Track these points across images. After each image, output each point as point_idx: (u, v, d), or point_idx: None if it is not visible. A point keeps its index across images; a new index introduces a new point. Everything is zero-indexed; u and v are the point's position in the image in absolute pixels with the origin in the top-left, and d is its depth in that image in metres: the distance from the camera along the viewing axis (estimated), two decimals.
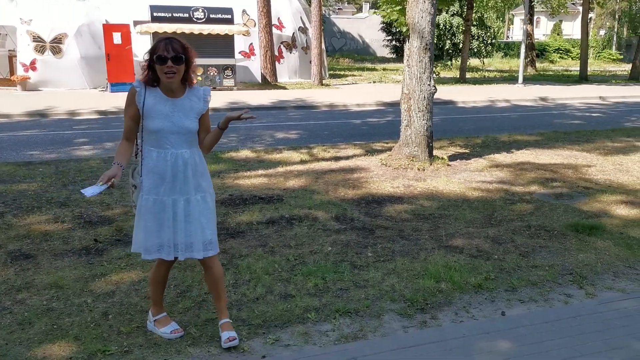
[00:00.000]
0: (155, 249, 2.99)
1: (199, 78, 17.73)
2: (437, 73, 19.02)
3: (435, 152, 7.83)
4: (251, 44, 20.19)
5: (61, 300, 3.56)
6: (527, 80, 23.06)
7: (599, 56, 44.48)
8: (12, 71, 18.37)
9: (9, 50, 18.80)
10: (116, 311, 3.44)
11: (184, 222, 2.96)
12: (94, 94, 16.75)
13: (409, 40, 7.21)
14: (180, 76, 2.88)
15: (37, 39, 17.35)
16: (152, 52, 2.85)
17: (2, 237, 4.65)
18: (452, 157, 7.96)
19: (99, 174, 6.90)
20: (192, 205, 2.97)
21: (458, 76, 23.27)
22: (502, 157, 8.07)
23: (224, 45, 17.81)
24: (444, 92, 17.37)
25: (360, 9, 59.90)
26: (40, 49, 17.41)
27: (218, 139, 3.09)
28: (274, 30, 20.10)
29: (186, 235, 2.97)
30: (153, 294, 3.23)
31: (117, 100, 14.71)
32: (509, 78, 24.83)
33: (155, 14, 17.00)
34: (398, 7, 8.20)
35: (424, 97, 7.21)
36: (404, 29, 7.31)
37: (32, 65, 17.36)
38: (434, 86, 7.30)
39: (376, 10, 9.74)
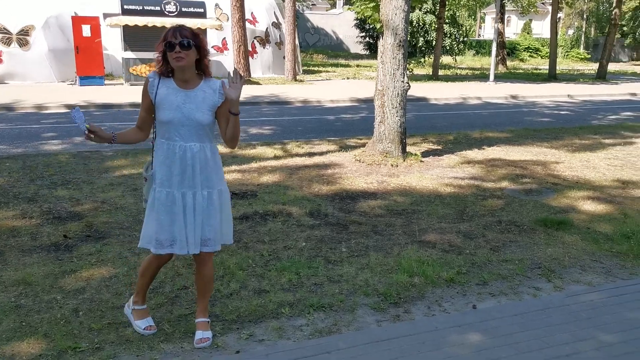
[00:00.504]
0: (168, 243, 2.93)
1: None
2: (410, 70, 19.17)
3: (408, 149, 7.89)
4: (224, 38, 20.04)
5: (30, 297, 3.49)
6: (498, 78, 23.41)
7: (567, 55, 45.43)
8: None
9: None
10: (87, 308, 3.38)
11: (188, 216, 2.90)
12: (62, 87, 16.41)
13: (382, 37, 7.25)
14: (190, 62, 2.81)
15: (2, 30, 16.94)
16: (162, 40, 2.82)
17: None
18: (425, 154, 8.04)
19: (67, 168, 6.78)
20: (198, 200, 2.90)
21: (431, 73, 23.48)
22: (474, 154, 8.19)
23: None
24: (417, 89, 17.52)
25: (334, 5, 59.90)
26: (6, 41, 17.00)
27: (237, 127, 2.89)
28: (248, 25, 19.98)
29: (188, 229, 2.92)
30: (140, 284, 3.17)
31: (86, 94, 14.45)
32: (481, 76, 25.17)
33: (125, 7, 16.74)
34: (372, 4, 8.22)
35: (398, 94, 7.26)
36: (378, 26, 7.34)
37: None
38: (408, 83, 7.36)
39: (350, 7, 9.76)
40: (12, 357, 2.85)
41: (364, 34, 38.58)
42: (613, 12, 25.22)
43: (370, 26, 27.38)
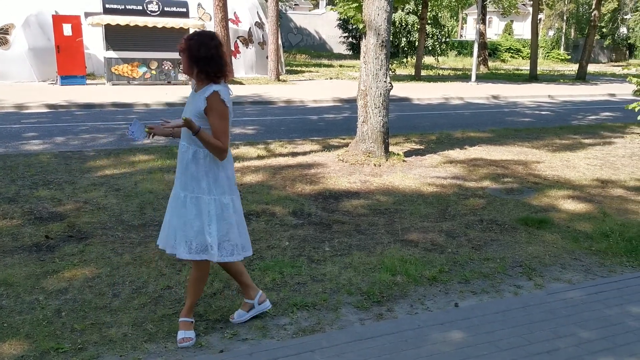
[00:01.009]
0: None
1: (153, 72, 17.42)
2: (393, 70, 19.27)
3: (391, 148, 7.94)
4: None
5: (11, 298, 3.46)
6: (480, 78, 23.62)
7: (548, 56, 45.98)
8: None
9: None
10: (69, 308, 3.36)
11: (173, 216, 3.04)
12: (43, 87, 16.21)
13: (365, 37, 7.29)
14: (186, 68, 2.94)
15: None
16: None
17: None
18: (408, 153, 8.10)
19: (49, 169, 6.71)
20: (174, 198, 3.04)
21: (413, 74, 23.62)
22: (456, 154, 8.27)
23: (179, 39, 17.26)
24: (400, 89, 17.61)
25: (317, 5, 59.94)
26: None
27: (204, 143, 2.89)
28: (230, 24, 19.90)
29: (174, 228, 3.04)
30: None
31: (68, 94, 14.30)
32: (463, 76, 25.38)
33: (107, 6, 16.58)
34: (355, 4, 8.27)
35: (380, 94, 7.30)
36: (361, 26, 7.37)
37: None
38: (390, 83, 7.41)
39: (333, 7, 9.78)
40: None
41: (347, 34, 38.67)
42: (592, 14, 25.59)
43: (353, 26, 27.44)
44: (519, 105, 16.08)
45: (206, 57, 2.89)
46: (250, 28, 21.87)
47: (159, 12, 17.15)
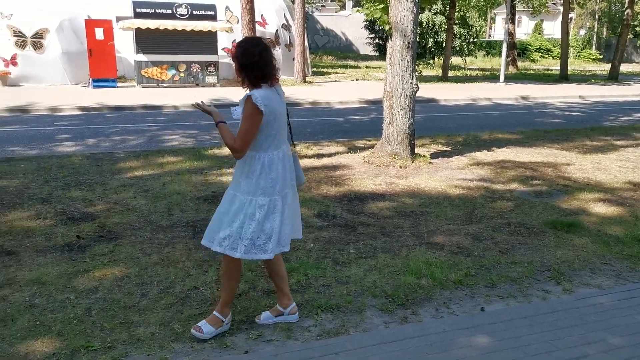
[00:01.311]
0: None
1: (182, 74, 17.66)
2: (419, 71, 19.16)
3: (417, 150, 7.91)
4: (234, 40, 20.08)
5: (44, 297, 3.56)
6: (509, 79, 23.31)
7: (579, 56, 45.12)
8: None
9: None
10: (99, 307, 3.44)
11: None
12: (75, 89, 16.58)
13: (391, 38, 7.27)
14: (236, 74, 3.06)
15: (17, 33, 17.12)
16: None
17: None
18: (434, 155, 8.05)
19: (81, 170, 6.87)
20: (226, 193, 3.16)
21: (440, 74, 23.43)
22: (483, 155, 8.18)
23: (207, 41, 17.76)
24: (426, 91, 17.50)
25: (343, 7, 59.95)
26: (21, 44, 17.18)
27: (222, 138, 3.09)
28: (257, 27, 20.04)
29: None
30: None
31: (99, 97, 14.59)
32: (491, 77, 25.08)
33: (138, 10, 16.87)
34: (381, 5, 8.24)
35: (406, 95, 7.28)
36: (387, 28, 7.36)
37: (13, 61, 17.13)
38: (416, 84, 7.38)
39: (359, 8, 9.75)
40: (26, 356, 2.91)
41: (373, 35, 38.54)
42: (625, 13, 25.03)
43: (380, 27, 27.39)
44: (548, 106, 15.82)
45: (249, 64, 3.00)
46: (277, 30, 21.99)
47: (187, 15, 17.38)
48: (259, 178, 3.04)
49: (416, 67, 7.04)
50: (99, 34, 16.54)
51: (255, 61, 2.99)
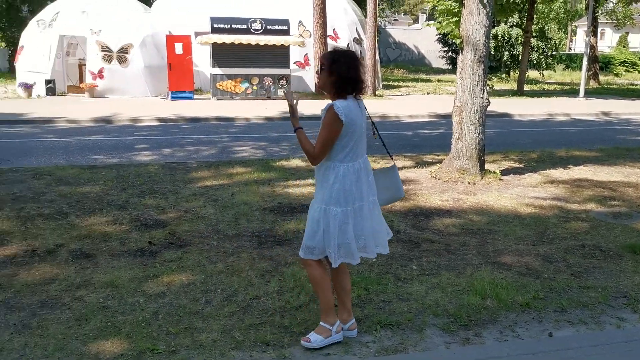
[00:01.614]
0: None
1: (254, 87, 18.13)
2: (490, 86, 18.65)
3: (487, 166, 7.70)
4: (306, 54, 20.46)
5: (116, 299, 3.74)
6: (589, 93, 22.28)
7: None
8: (81, 79, 19.34)
9: (79, 59, 19.81)
10: (166, 312, 3.58)
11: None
12: (155, 101, 17.39)
13: (462, 52, 7.16)
14: (323, 84, 3.11)
15: (105, 48, 18.19)
16: None
17: (65, 237, 4.92)
18: (505, 172, 7.81)
19: (156, 178, 7.18)
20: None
21: (515, 88, 22.75)
22: (558, 173, 7.85)
23: (280, 55, 18.15)
24: (500, 105, 17.05)
25: (416, 20, 59.60)
26: (108, 58, 18.24)
27: (300, 143, 3.14)
28: (329, 41, 20.28)
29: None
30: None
31: (177, 108, 15.23)
32: (570, 91, 24.06)
33: (215, 25, 17.53)
34: (455, 19, 8.15)
35: (477, 110, 7.12)
36: (458, 41, 7.25)
37: (100, 74, 18.21)
38: (487, 99, 7.21)
39: (430, 22, 9.63)
40: (97, 355, 3.07)
41: (446, 48, 38.09)
42: None
43: (453, 40, 27.04)
44: (632, 123, 14.99)
45: (346, 77, 3.05)
46: (348, 44, 22.14)
47: (262, 30, 17.86)
48: (332, 188, 3.08)
49: (488, 81, 6.88)
50: (179, 48, 17.30)
51: (351, 75, 3.06)
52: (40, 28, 19.08)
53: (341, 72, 3.05)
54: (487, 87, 7.33)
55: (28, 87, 17.77)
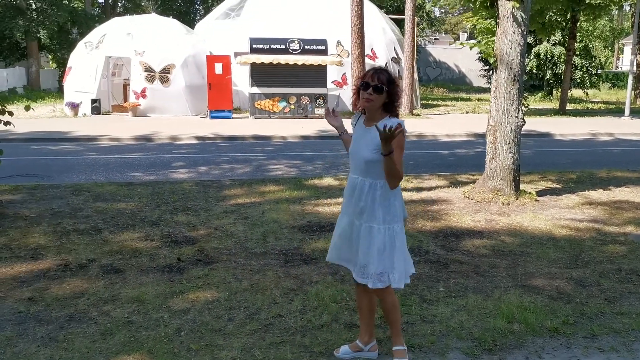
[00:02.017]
0: (334, 258, 3.26)
1: (292, 106, 18.32)
2: (526, 105, 18.21)
3: (523, 187, 7.54)
4: (344, 73, 20.59)
5: (141, 314, 3.81)
6: (635, 112, 21.60)
7: None
8: (125, 98, 19.97)
9: (124, 79, 20.48)
10: (189, 328, 3.62)
11: (354, 245, 3.10)
12: (195, 120, 17.77)
13: (496, 71, 7.08)
14: (377, 104, 2.99)
15: (148, 69, 18.76)
16: (362, 77, 3.04)
17: (98, 252, 5.05)
18: (542, 192, 7.62)
19: (190, 196, 7.30)
20: (355, 229, 3.08)
21: (558, 107, 22.26)
22: (598, 194, 7.61)
23: (317, 75, 18.33)
24: (541, 124, 16.72)
25: (457, 39, 59.25)
26: (150, 78, 18.80)
27: (388, 168, 2.90)
28: (367, 60, 20.34)
29: (354, 256, 3.12)
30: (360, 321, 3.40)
31: (215, 127, 15.52)
32: (615, 110, 23.39)
33: (254, 46, 17.87)
34: (494, 38, 8.04)
35: (511, 130, 7.00)
36: (492, 60, 7.17)
37: (143, 93, 18.77)
38: (523, 119, 7.08)
39: (467, 42, 9.50)
40: None
41: (487, 67, 37.60)
42: None
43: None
44: None
45: (395, 93, 3.02)
46: (386, 63, 22.17)
47: (299, 50, 18.11)
48: (392, 206, 3.05)
49: (525, 100, 6.77)
50: (218, 68, 17.69)
51: (398, 91, 3.06)
52: (88, 50, 19.85)
53: (398, 92, 3.03)
54: (523, 107, 7.20)
55: (74, 106, 18.46)
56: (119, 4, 43.95)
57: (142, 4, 46.29)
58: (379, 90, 2.94)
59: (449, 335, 3.58)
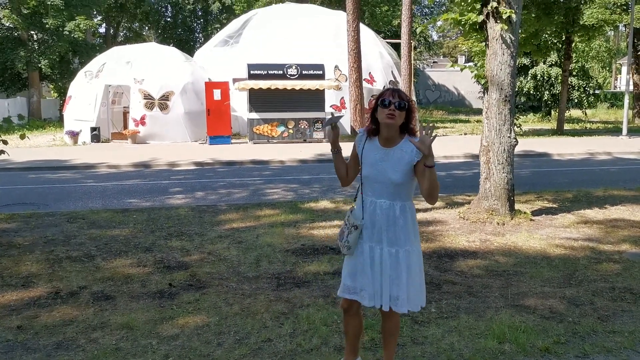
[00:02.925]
0: (351, 290, 3.07)
1: (290, 131, 18.42)
2: (518, 125, 18.22)
3: (519, 206, 7.53)
4: (342, 97, 20.75)
5: (129, 341, 3.78)
6: (633, 132, 21.64)
7: None
8: (125, 125, 20.12)
9: (124, 107, 20.66)
10: (177, 354, 3.59)
11: (378, 272, 2.99)
12: (194, 146, 17.86)
13: (487, 92, 7.13)
14: (399, 122, 2.93)
15: (147, 96, 18.94)
16: (377, 98, 2.97)
17: (89, 279, 5.03)
18: (537, 212, 7.61)
19: (185, 221, 7.31)
20: (385, 256, 2.98)
21: (555, 127, 22.33)
22: (593, 213, 7.59)
23: (315, 99, 18.48)
24: (539, 144, 16.75)
25: (456, 62, 59.75)
26: (150, 106, 18.96)
27: (433, 179, 2.87)
28: (365, 84, 20.55)
29: (379, 284, 3.00)
30: (345, 343, 3.33)
31: (214, 152, 15.59)
32: (613, 130, 23.44)
33: (252, 72, 18.05)
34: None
35: (504, 150, 7.03)
36: (482, 82, 7.24)
37: (142, 120, 18.91)
38: (515, 138, 7.11)
39: (457, 64, 9.61)
40: None
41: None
42: None
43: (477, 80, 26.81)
44: None
45: (411, 112, 2.98)
46: (384, 87, 22.34)
47: (297, 75, 18.28)
48: (415, 226, 3.07)
49: (517, 120, 6.80)
50: (217, 94, 17.85)
51: (415, 111, 3.05)
52: (88, 78, 20.07)
53: (414, 112, 2.99)
54: (515, 127, 7.23)
55: (74, 135, 18.59)
56: (120, 34, 44.61)
57: (143, 33, 47.00)
58: (402, 107, 2.90)
59: (439, 356, 3.54)
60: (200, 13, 44.91)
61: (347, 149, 3.10)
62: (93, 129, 18.75)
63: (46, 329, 3.97)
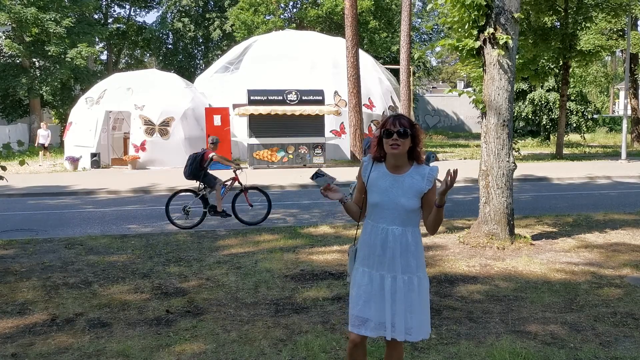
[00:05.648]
0: (357, 322, 2.97)
1: (290, 156, 18.47)
2: (516, 149, 18.29)
3: (519, 231, 7.50)
4: (342, 123, 20.86)
5: None
6: (632, 156, 21.70)
7: None
8: (125, 151, 20.17)
9: (124, 133, 20.75)
10: None
11: (390, 301, 2.92)
12: None
13: (485, 117, 7.17)
14: (405, 149, 2.91)
15: (147, 122, 19.03)
16: (381, 127, 2.95)
17: (86, 306, 4.99)
18: (538, 236, 7.57)
19: (183, 247, 7.27)
20: (399, 284, 2.92)
21: (554, 152, 22.39)
22: (594, 237, 7.56)
23: (315, 124, 18.57)
24: (538, 169, 16.77)
25: (455, 87, 60.22)
26: (150, 131, 19.03)
27: (439, 218, 2.93)
28: (364, 109, 20.68)
29: (392, 313, 2.92)
30: None
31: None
32: (612, 154, 23.50)
33: (252, 97, 18.18)
34: None
35: (503, 174, 7.03)
36: (480, 106, 7.28)
37: (142, 146, 18.96)
38: (514, 163, 7.12)
39: (454, 89, 9.72)
40: None
41: None
42: None
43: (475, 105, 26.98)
44: None
45: (417, 136, 2.95)
46: (383, 112, 22.50)
47: (297, 100, 18.41)
48: (423, 254, 3.05)
49: (515, 144, 6.82)
50: (217, 120, 17.97)
51: (422, 135, 3.01)
52: (88, 105, 20.20)
53: (420, 136, 2.97)
54: (514, 151, 7.25)
55: (74, 161, 18.63)
56: (122, 61, 45.06)
57: (145, 60, 47.47)
58: (404, 134, 2.88)
59: None
60: (201, 40, 45.46)
61: (346, 173, 3.13)
62: (93, 155, 18.79)
63: (41, 357, 3.91)
